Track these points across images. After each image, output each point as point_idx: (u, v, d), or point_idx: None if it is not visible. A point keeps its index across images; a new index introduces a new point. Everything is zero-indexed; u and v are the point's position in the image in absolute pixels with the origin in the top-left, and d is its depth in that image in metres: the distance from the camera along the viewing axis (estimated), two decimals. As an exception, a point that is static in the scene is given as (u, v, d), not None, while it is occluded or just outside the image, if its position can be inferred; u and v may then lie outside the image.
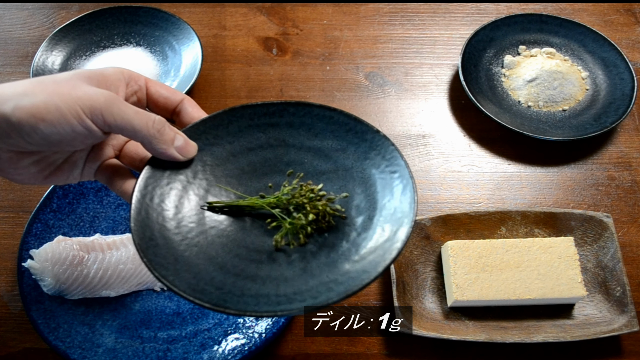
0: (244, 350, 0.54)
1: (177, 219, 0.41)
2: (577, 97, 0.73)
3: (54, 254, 0.57)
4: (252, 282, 0.39)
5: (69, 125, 0.34)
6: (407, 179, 0.41)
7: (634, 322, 0.54)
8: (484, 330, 0.56)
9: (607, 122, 0.69)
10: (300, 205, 0.43)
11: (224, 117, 0.45)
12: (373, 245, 0.40)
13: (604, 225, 0.60)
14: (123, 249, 0.59)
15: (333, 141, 0.45)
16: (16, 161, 0.37)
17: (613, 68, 0.75)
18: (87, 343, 0.55)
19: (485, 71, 0.76)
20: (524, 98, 0.73)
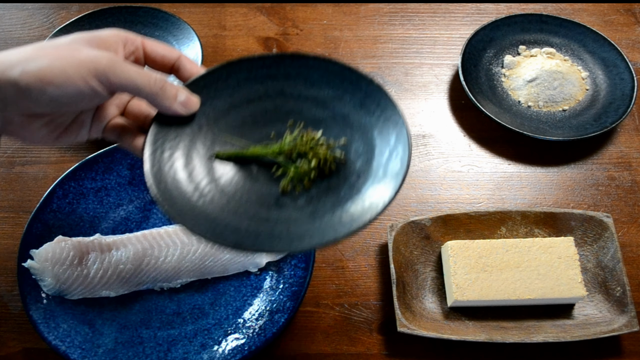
0: (244, 350, 0.54)
1: (188, 170, 0.44)
2: (577, 97, 0.73)
3: (54, 254, 0.57)
4: (265, 224, 0.42)
5: (75, 87, 0.36)
6: (400, 125, 0.44)
7: (634, 322, 0.54)
8: (484, 330, 0.56)
9: (607, 122, 0.69)
10: (302, 153, 0.45)
11: (223, 71, 0.46)
12: (372, 187, 0.43)
13: (604, 225, 0.60)
14: (123, 249, 0.59)
15: (329, 90, 0.47)
16: (27, 124, 0.39)
17: (613, 68, 0.74)
18: (87, 343, 0.55)
19: (485, 71, 0.76)
20: (524, 98, 0.73)
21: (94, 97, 0.38)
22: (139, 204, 0.64)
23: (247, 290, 0.59)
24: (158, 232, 0.60)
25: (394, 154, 0.44)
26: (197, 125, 0.45)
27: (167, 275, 0.59)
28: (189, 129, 0.45)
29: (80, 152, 0.71)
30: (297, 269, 0.58)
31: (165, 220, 0.63)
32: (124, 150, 0.64)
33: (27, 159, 0.70)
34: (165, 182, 0.42)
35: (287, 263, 0.59)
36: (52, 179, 0.65)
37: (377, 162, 0.45)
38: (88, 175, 0.64)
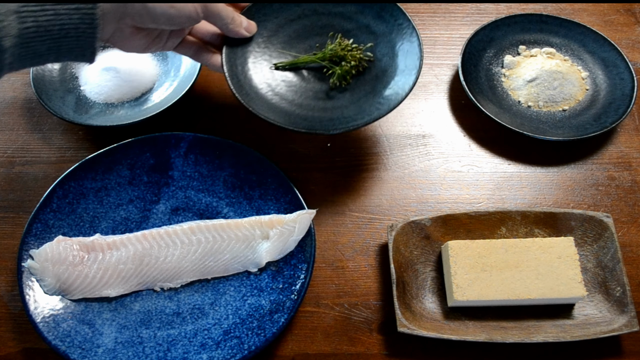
0: (243, 350, 0.54)
1: (257, 77, 0.61)
2: (577, 97, 0.73)
3: (54, 254, 0.57)
4: (324, 112, 0.60)
5: (188, 12, 0.52)
6: (411, 28, 0.63)
7: (634, 322, 0.55)
8: (484, 330, 0.56)
9: (607, 122, 0.69)
10: (342, 56, 0.63)
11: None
12: (398, 77, 0.61)
13: (604, 225, 0.60)
14: (123, 249, 0.59)
15: (352, 6, 0.65)
16: (132, 35, 0.53)
17: (613, 68, 0.74)
18: (87, 343, 0.55)
19: (485, 71, 0.76)
20: (524, 98, 0.73)
21: (194, 20, 0.54)
22: (139, 204, 0.64)
23: (247, 290, 0.59)
24: (158, 232, 0.60)
25: (410, 51, 0.62)
26: (256, 44, 0.62)
27: (167, 275, 0.59)
28: (251, 47, 0.62)
29: (80, 152, 0.71)
30: (297, 269, 0.58)
31: (165, 220, 0.63)
32: (124, 150, 0.64)
33: (27, 159, 0.70)
34: (244, 88, 0.59)
35: (287, 263, 0.59)
36: (52, 179, 0.65)
37: (398, 58, 0.62)
38: (88, 175, 0.64)
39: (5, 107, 0.75)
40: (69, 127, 0.73)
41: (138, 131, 0.69)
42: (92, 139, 0.72)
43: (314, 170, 0.69)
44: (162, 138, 0.65)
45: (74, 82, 0.74)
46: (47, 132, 0.73)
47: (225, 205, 0.64)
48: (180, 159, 0.65)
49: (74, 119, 0.69)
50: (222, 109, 0.75)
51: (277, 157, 0.70)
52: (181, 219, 0.63)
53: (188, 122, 0.73)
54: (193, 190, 0.65)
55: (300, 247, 0.59)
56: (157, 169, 0.65)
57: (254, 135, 0.72)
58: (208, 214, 0.64)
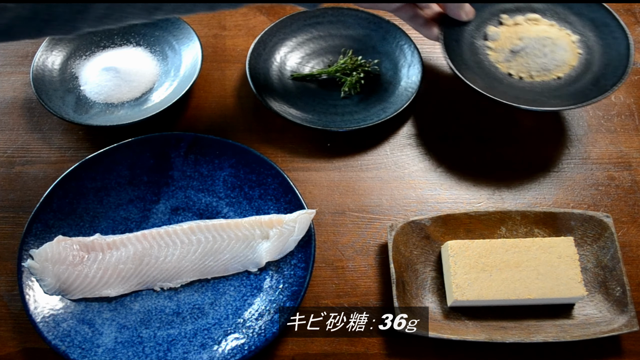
0: (243, 350, 0.54)
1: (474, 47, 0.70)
2: (571, 62, 0.68)
3: (54, 254, 0.57)
4: (335, 115, 0.71)
5: None
6: (412, 47, 0.75)
7: (634, 322, 0.54)
8: (484, 330, 0.56)
9: (607, 85, 0.63)
10: (352, 69, 0.74)
11: (287, 20, 0.78)
12: (401, 86, 0.73)
13: (604, 225, 0.60)
14: (123, 249, 0.59)
15: (360, 30, 0.79)
16: None
17: (604, 28, 0.69)
18: (87, 343, 0.55)
19: (469, 45, 0.69)
20: (514, 70, 0.68)
21: None
22: (139, 203, 0.64)
23: (247, 290, 0.59)
24: (158, 232, 0.60)
25: (411, 66, 0.73)
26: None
27: (167, 275, 0.59)
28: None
29: (80, 152, 0.71)
30: (297, 269, 0.58)
31: (165, 220, 0.63)
32: (124, 150, 0.64)
33: (27, 159, 0.70)
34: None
35: (287, 263, 0.59)
36: (52, 179, 0.65)
37: (401, 72, 0.74)
38: (88, 175, 0.64)
39: (5, 107, 0.75)
40: (69, 127, 0.73)
41: (138, 131, 0.69)
42: (92, 139, 0.72)
43: (314, 170, 0.69)
44: (162, 138, 0.65)
45: (74, 82, 0.74)
46: (47, 132, 0.73)
47: (225, 205, 0.64)
48: (180, 159, 0.65)
49: (74, 119, 0.69)
50: (222, 109, 0.75)
51: (277, 157, 0.70)
52: (181, 219, 0.63)
53: (188, 122, 0.73)
54: (193, 190, 0.65)
55: (300, 247, 0.59)
56: (157, 169, 0.65)
57: (254, 135, 0.72)
58: (208, 213, 0.64)
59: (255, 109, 0.74)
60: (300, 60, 0.77)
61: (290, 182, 0.62)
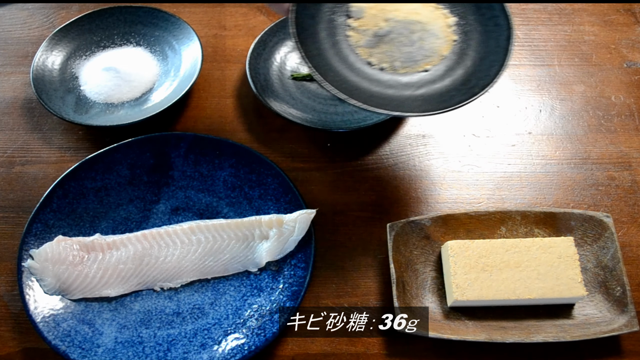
0: (244, 350, 0.54)
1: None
2: (442, 51, 0.57)
3: (54, 254, 0.57)
4: (335, 115, 0.68)
5: None
6: None
7: (634, 322, 0.54)
8: (484, 330, 0.56)
9: (476, 87, 0.53)
10: None
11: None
12: None
13: (604, 225, 0.60)
14: (123, 249, 0.59)
15: None
16: None
17: (486, 11, 0.57)
18: (87, 343, 0.55)
19: (327, 23, 0.56)
20: (376, 58, 0.56)
21: None
22: (139, 204, 0.64)
23: (247, 290, 0.59)
24: (158, 232, 0.60)
25: None
26: None
27: (167, 275, 0.59)
28: None
29: (80, 152, 0.71)
30: (297, 269, 0.58)
31: (165, 220, 0.63)
32: (124, 150, 0.64)
33: (27, 159, 0.70)
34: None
35: (287, 263, 0.59)
36: (52, 179, 0.65)
37: None
38: (88, 175, 0.64)
39: (5, 107, 0.75)
40: (69, 127, 0.73)
41: (138, 131, 0.69)
42: (92, 139, 0.72)
43: (314, 170, 0.69)
44: (162, 138, 0.65)
45: (74, 82, 0.74)
46: (47, 132, 0.73)
47: (225, 205, 0.64)
48: (180, 159, 0.65)
49: (74, 119, 0.69)
50: (222, 109, 0.75)
51: (277, 157, 0.70)
52: (181, 219, 0.63)
53: (188, 122, 0.73)
54: (193, 190, 0.65)
55: (300, 247, 0.59)
56: (157, 169, 0.65)
57: (254, 135, 0.72)
58: (208, 213, 0.64)
59: (255, 109, 0.74)
60: (300, 60, 0.77)
61: (290, 182, 0.62)
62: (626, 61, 0.78)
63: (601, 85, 0.76)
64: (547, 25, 0.82)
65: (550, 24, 0.82)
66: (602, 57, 0.79)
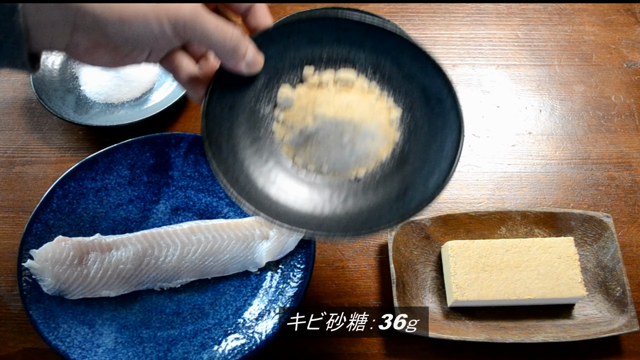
0: (244, 350, 0.54)
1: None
2: (380, 154, 0.46)
3: (54, 254, 0.57)
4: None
5: (151, 32, 0.38)
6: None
7: (634, 322, 0.54)
8: (484, 330, 0.56)
9: (412, 202, 0.43)
10: None
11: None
12: None
13: (604, 225, 0.60)
14: (123, 249, 0.59)
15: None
16: (93, 51, 0.39)
17: (436, 104, 0.45)
18: (87, 343, 0.55)
19: (248, 114, 0.46)
20: (301, 158, 0.46)
21: (166, 44, 0.40)
22: (139, 204, 0.64)
23: (247, 290, 0.59)
24: (158, 232, 0.60)
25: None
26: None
27: (167, 275, 0.59)
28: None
29: (80, 152, 0.71)
30: (297, 269, 0.58)
31: (165, 220, 0.63)
32: (124, 150, 0.64)
33: (27, 159, 0.70)
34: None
35: (287, 263, 0.59)
36: (52, 179, 0.65)
37: None
38: (88, 175, 0.63)
39: (5, 107, 0.75)
40: (69, 127, 0.73)
41: (138, 131, 0.69)
42: (92, 139, 0.72)
43: (314, 170, 0.69)
44: (162, 138, 0.65)
45: (74, 82, 0.74)
46: (47, 132, 0.73)
47: (225, 205, 0.64)
48: (180, 159, 0.65)
49: (74, 119, 0.69)
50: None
51: (277, 157, 0.69)
52: (181, 219, 0.63)
53: (188, 122, 0.73)
54: (193, 190, 0.65)
55: (300, 247, 0.59)
56: (157, 169, 0.65)
57: (254, 135, 0.72)
58: (208, 214, 0.64)
59: (255, 109, 0.74)
60: None
61: (290, 182, 0.62)
62: (626, 61, 0.78)
63: (601, 85, 0.76)
64: (547, 25, 0.82)
65: (550, 24, 0.83)
66: (602, 57, 0.79)
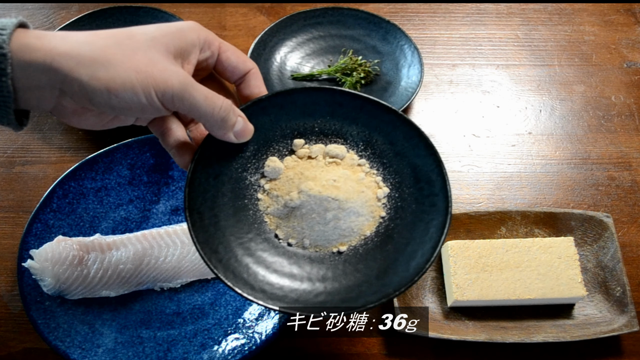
0: (244, 350, 0.54)
1: None
2: (364, 230, 0.46)
3: (54, 254, 0.57)
4: None
5: (139, 102, 0.37)
6: (413, 47, 0.75)
7: (634, 322, 0.54)
8: (484, 330, 0.56)
9: (391, 285, 0.41)
10: (352, 69, 0.74)
11: (287, 20, 0.74)
12: (402, 85, 0.73)
13: (604, 225, 0.60)
14: (123, 249, 0.59)
15: (360, 30, 0.79)
16: (80, 114, 0.39)
17: (425, 185, 0.45)
18: (87, 343, 0.55)
19: (235, 182, 0.46)
20: (283, 231, 0.46)
21: (154, 112, 0.38)
22: (139, 204, 0.64)
23: (247, 290, 0.59)
24: (158, 232, 0.60)
25: (411, 66, 0.73)
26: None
27: (167, 275, 0.59)
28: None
29: (80, 152, 0.71)
30: (297, 269, 0.58)
31: (165, 220, 0.63)
32: (124, 150, 0.64)
33: (27, 159, 0.70)
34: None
35: (287, 263, 0.59)
36: (52, 179, 0.65)
37: (401, 72, 0.74)
38: (88, 175, 0.64)
39: (5, 107, 0.75)
40: (69, 127, 0.73)
41: (138, 131, 0.69)
42: (92, 139, 0.72)
43: (314, 170, 0.69)
44: (162, 138, 0.65)
45: (74, 82, 0.74)
46: (47, 132, 0.73)
47: (225, 205, 0.64)
48: (180, 159, 0.65)
49: (74, 119, 0.68)
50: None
51: (277, 157, 0.69)
52: (181, 219, 0.63)
53: (188, 122, 0.73)
54: (193, 190, 0.65)
55: (300, 247, 0.59)
56: (157, 169, 0.65)
57: (254, 135, 0.72)
58: (208, 214, 0.64)
59: (255, 109, 0.74)
60: (300, 60, 0.77)
61: (290, 182, 0.62)
62: (626, 61, 0.78)
63: (601, 85, 0.76)
64: (547, 25, 0.82)
65: (550, 24, 0.83)
66: (602, 57, 0.79)
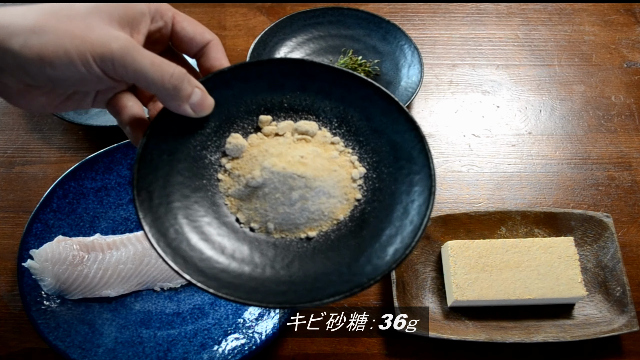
0: (244, 350, 0.54)
1: None
2: (336, 214, 0.41)
3: (54, 254, 0.57)
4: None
5: (77, 72, 0.33)
6: (412, 47, 0.74)
7: (634, 322, 0.54)
8: (484, 330, 0.56)
9: (363, 275, 0.36)
10: (353, 69, 0.75)
11: (287, 20, 0.77)
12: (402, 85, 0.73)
13: (604, 225, 0.60)
14: (123, 249, 0.59)
15: (360, 30, 0.79)
16: (25, 93, 0.36)
17: (405, 164, 0.40)
18: (87, 343, 0.55)
19: (192, 160, 0.40)
20: (245, 214, 0.41)
21: (97, 82, 0.34)
22: (139, 204, 0.64)
23: (247, 290, 0.59)
24: (158, 232, 0.60)
25: (411, 66, 0.73)
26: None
27: (167, 275, 0.59)
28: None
29: (80, 152, 0.71)
30: (297, 269, 0.58)
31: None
32: (124, 150, 0.64)
33: (27, 159, 0.70)
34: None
35: (287, 263, 0.59)
36: (52, 179, 0.65)
37: (401, 72, 0.74)
38: (88, 175, 0.63)
39: (5, 107, 0.75)
40: (69, 127, 0.73)
41: (138, 131, 0.69)
42: (92, 139, 0.72)
43: (314, 170, 0.69)
44: (162, 138, 0.65)
45: (74, 82, 0.74)
46: (47, 132, 0.73)
47: (225, 205, 0.64)
48: (180, 159, 0.65)
49: (74, 119, 0.69)
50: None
51: (277, 157, 0.69)
52: (181, 219, 0.63)
53: (188, 122, 0.73)
54: (193, 190, 0.65)
55: (300, 247, 0.59)
56: (157, 169, 0.65)
57: (254, 135, 0.72)
58: (208, 214, 0.64)
59: (255, 109, 0.74)
60: None
61: (290, 182, 0.62)
62: (626, 61, 0.78)
63: (601, 85, 0.76)
64: (547, 25, 0.82)
65: (550, 24, 0.83)
66: (602, 57, 0.79)
